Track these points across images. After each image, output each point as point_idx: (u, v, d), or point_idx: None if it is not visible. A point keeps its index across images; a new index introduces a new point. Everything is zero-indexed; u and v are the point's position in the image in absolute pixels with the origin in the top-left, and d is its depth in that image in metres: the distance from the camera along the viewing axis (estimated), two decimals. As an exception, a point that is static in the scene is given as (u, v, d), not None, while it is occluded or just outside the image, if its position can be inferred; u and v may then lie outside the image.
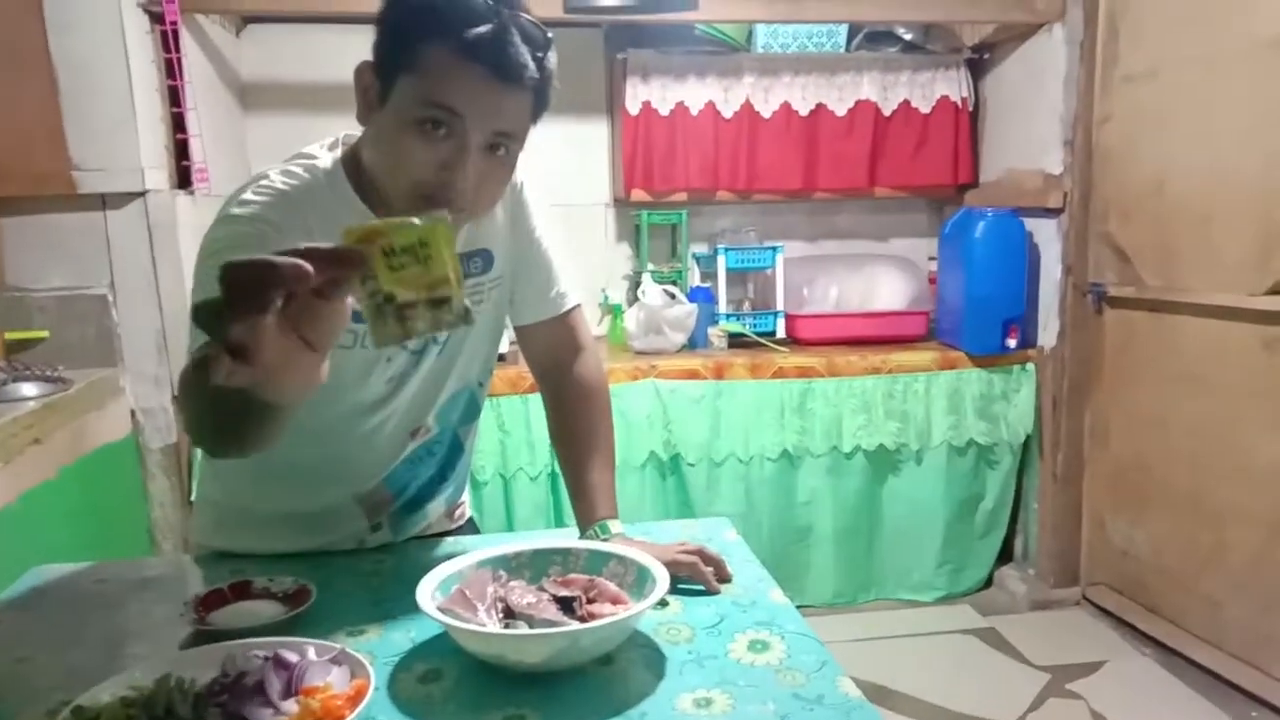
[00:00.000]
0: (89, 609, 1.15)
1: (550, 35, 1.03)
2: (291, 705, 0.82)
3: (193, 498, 2.60)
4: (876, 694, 2.59)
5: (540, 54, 1.01)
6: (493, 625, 0.97)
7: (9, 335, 2.39)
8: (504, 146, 1.03)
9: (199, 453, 2.40)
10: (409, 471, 1.30)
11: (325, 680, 0.85)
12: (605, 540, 1.20)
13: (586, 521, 1.26)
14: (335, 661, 0.89)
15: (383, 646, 1.00)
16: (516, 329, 1.36)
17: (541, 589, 1.03)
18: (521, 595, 1.01)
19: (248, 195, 1.06)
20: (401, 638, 1.02)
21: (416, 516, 1.35)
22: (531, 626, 0.96)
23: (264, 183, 1.08)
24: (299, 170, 1.10)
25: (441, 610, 0.94)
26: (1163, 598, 2.82)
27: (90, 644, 1.05)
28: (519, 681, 0.92)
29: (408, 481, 1.31)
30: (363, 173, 1.09)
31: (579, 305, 1.37)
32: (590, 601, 1.01)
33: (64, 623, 1.11)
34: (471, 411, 1.33)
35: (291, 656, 0.88)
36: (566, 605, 1.00)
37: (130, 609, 1.14)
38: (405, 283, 0.71)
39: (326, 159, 1.12)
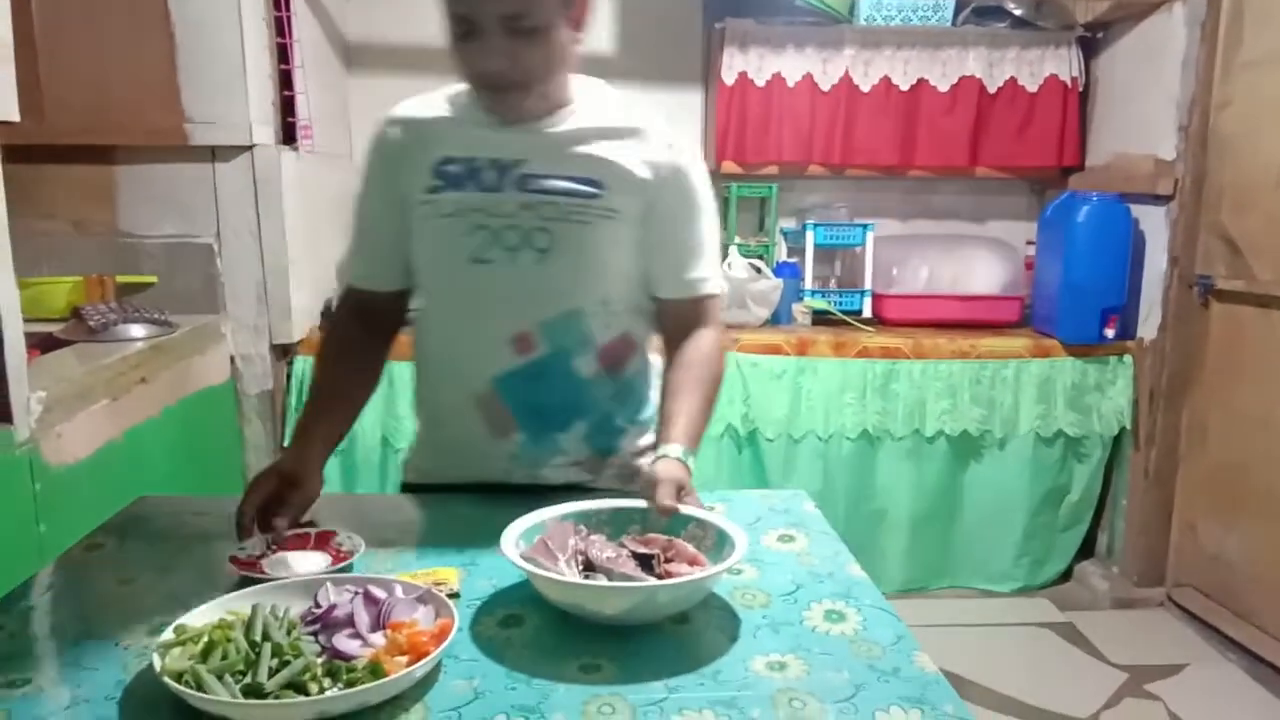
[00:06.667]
0: (189, 539, 1.20)
1: None
2: (379, 638, 0.85)
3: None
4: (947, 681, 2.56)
5: None
6: (572, 576, 0.99)
7: (120, 279, 2.50)
8: (524, 24, 1.15)
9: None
10: (520, 388, 1.31)
11: (412, 617, 0.88)
12: (667, 459, 1.18)
13: (659, 442, 1.25)
14: (421, 600, 0.92)
15: (466, 590, 1.03)
16: (653, 298, 1.37)
17: (621, 545, 1.05)
18: (602, 549, 1.03)
19: (376, 122, 1.35)
20: (485, 584, 1.05)
21: (546, 448, 1.35)
22: (610, 580, 0.98)
23: (395, 107, 1.35)
24: (424, 93, 1.35)
25: (524, 558, 0.96)
26: (1254, 604, 2.71)
27: (189, 571, 1.10)
28: (596, 633, 0.93)
29: (522, 399, 1.32)
30: None
31: (717, 295, 1.37)
32: (668, 561, 1.02)
33: (166, 550, 1.17)
34: (584, 341, 1.32)
35: (380, 593, 0.91)
36: (645, 562, 1.01)
37: (228, 541, 1.19)
38: None
39: None
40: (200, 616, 0.87)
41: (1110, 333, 2.98)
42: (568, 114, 1.28)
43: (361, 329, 1.37)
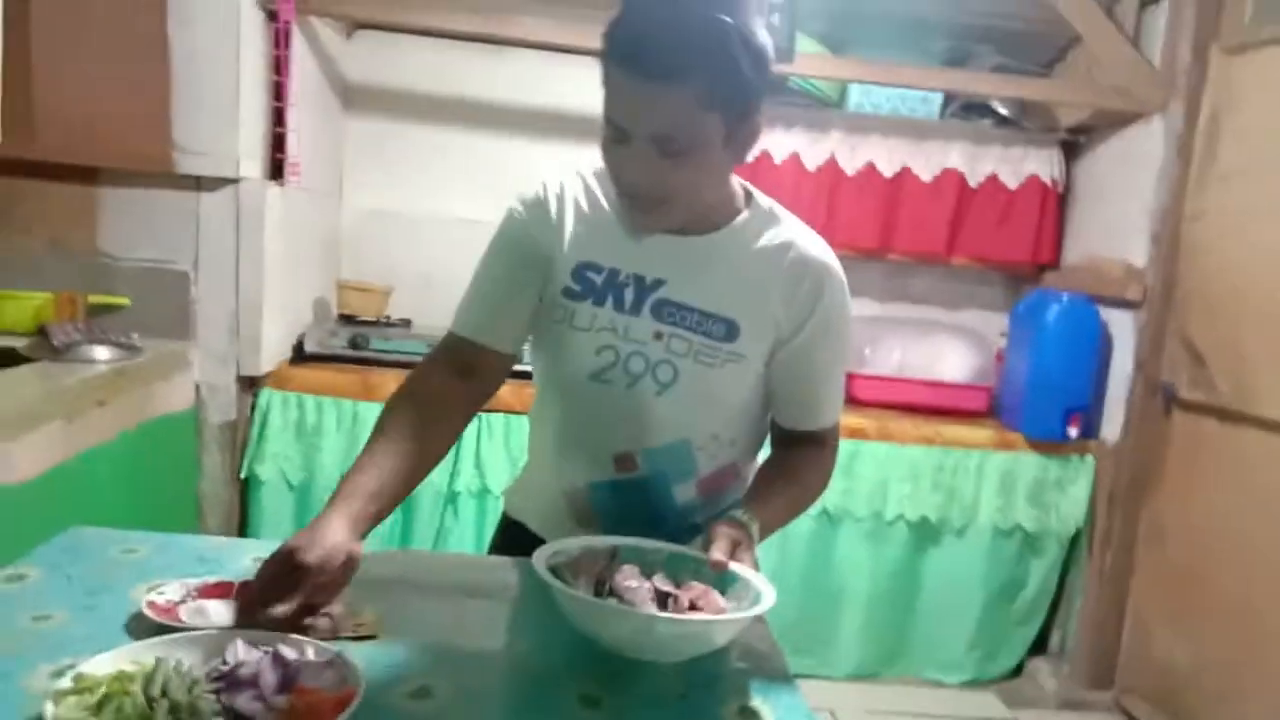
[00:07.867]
0: (115, 577, 1.18)
1: (736, 28, 1.05)
2: (281, 701, 0.84)
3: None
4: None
5: (708, 48, 1.04)
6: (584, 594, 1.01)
7: (92, 299, 2.49)
8: (674, 146, 1.09)
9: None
10: (612, 498, 1.32)
11: (318, 682, 0.88)
12: (733, 521, 1.17)
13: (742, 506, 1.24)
14: (331, 665, 0.91)
15: (383, 656, 1.01)
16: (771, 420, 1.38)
17: (649, 579, 1.06)
18: (625, 578, 1.05)
19: (524, 192, 1.30)
20: (399, 652, 1.04)
21: None
22: None
23: (545, 181, 1.30)
24: (581, 172, 1.31)
25: (549, 569, 1.01)
26: (1200, 715, 2.70)
27: (108, 612, 1.08)
28: (506, 712, 0.93)
29: (611, 508, 1.32)
30: None
31: (835, 424, 1.37)
32: (693, 607, 1.03)
33: (88, 587, 1.14)
34: (687, 470, 1.32)
35: (290, 653, 0.90)
36: (664, 601, 1.03)
37: (152, 581, 1.17)
38: None
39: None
40: (102, 665, 0.86)
41: (1074, 432, 3.01)
42: (718, 233, 1.25)
43: (454, 378, 1.29)
